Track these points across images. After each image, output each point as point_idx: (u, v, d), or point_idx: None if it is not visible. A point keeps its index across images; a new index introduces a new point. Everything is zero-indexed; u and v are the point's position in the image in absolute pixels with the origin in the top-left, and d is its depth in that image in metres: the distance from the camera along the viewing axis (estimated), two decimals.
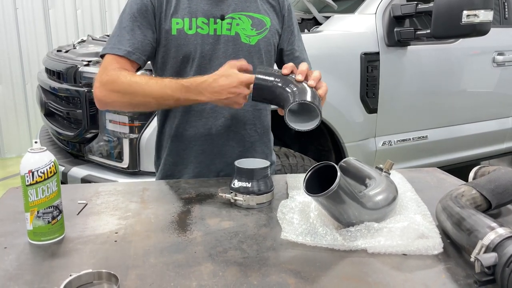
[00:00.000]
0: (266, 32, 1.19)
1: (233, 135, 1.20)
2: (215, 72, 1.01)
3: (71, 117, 2.04)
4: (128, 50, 1.10)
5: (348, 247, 0.80)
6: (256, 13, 1.18)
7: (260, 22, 1.19)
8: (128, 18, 1.12)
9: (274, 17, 1.23)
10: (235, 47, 1.16)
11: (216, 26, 1.14)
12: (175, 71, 1.16)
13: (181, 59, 1.14)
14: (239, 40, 1.16)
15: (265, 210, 0.99)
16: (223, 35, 1.15)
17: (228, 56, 1.15)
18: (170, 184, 1.15)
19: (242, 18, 1.16)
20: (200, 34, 1.13)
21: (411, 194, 1.01)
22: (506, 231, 0.69)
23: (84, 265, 0.74)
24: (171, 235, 0.86)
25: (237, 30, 1.16)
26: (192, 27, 1.12)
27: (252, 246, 0.82)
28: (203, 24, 1.13)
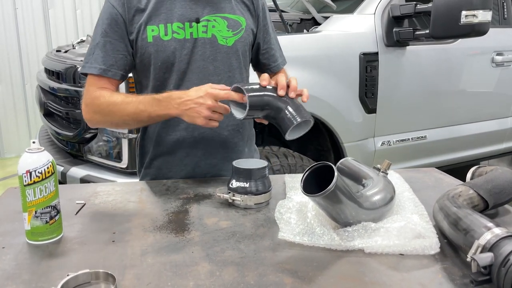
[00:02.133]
0: (242, 32, 1.19)
1: (217, 136, 1.20)
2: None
3: (70, 117, 2.04)
4: (103, 68, 1.11)
5: (345, 247, 0.80)
6: (231, 14, 1.18)
7: (235, 23, 1.19)
8: (99, 33, 1.12)
9: (248, 16, 1.23)
10: (213, 49, 1.16)
11: (192, 29, 1.14)
12: (156, 78, 1.16)
13: (160, 66, 1.14)
14: (216, 42, 1.16)
15: (263, 210, 0.99)
16: (200, 38, 1.15)
17: (206, 59, 1.16)
18: (168, 184, 1.15)
19: (217, 19, 1.16)
20: (177, 39, 1.13)
21: (408, 194, 1.01)
22: (502, 231, 0.70)
23: (82, 265, 0.75)
24: (169, 235, 0.86)
25: (213, 32, 1.16)
26: (167, 33, 1.12)
27: (250, 246, 0.82)
28: (179, 28, 1.13)
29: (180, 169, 1.22)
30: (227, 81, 1.18)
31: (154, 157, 1.24)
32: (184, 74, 1.15)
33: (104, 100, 1.10)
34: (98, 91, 1.11)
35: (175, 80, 1.15)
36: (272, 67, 1.31)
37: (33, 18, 4.30)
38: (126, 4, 1.11)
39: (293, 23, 2.45)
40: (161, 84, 1.17)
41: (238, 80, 1.21)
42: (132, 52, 1.15)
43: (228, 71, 1.19)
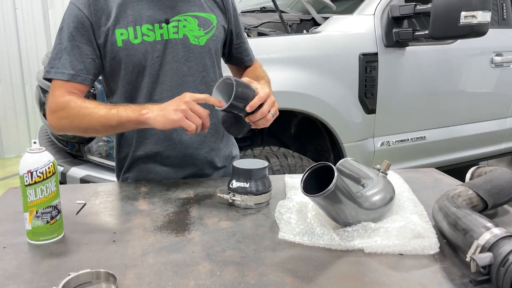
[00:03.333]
0: (213, 30, 1.18)
1: (195, 137, 1.19)
2: None
3: None
4: (72, 73, 1.08)
5: (345, 247, 0.81)
6: (201, 12, 1.17)
7: (206, 21, 1.17)
8: (66, 37, 1.08)
9: (219, 13, 1.22)
10: (185, 50, 1.14)
11: (162, 30, 1.12)
12: (128, 82, 1.14)
13: (131, 70, 1.12)
14: (188, 42, 1.15)
15: (263, 210, 0.99)
16: (171, 39, 1.13)
17: (179, 60, 1.14)
18: (169, 184, 1.15)
19: (188, 19, 1.14)
20: (147, 42, 1.10)
21: (408, 194, 1.01)
22: (501, 231, 0.70)
23: (83, 264, 0.75)
24: (169, 235, 0.87)
25: (185, 32, 1.14)
26: (137, 36, 1.10)
27: (250, 246, 0.82)
28: (148, 30, 1.10)
29: (161, 169, 1.21)
30: (201, 81, 1.18)
31: (133, 161, 1.22)
32: (157, 77, 1.13)
33: (75, 104, 1.06)
34: (67, 95, 1.08)
35: (148, 83, 1.13)
36: (245, 61, 1.34)
37: (33, 18, 4.30)
38: (92, 6, 1.08)
39: (293, 23, 2.45)
40: (133, 88, 1.14)
41: (212, 79, 1.20)
42: (100, 56, 1.11)
43: (202, 70, 1.18)
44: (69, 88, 1.09)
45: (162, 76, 1.14)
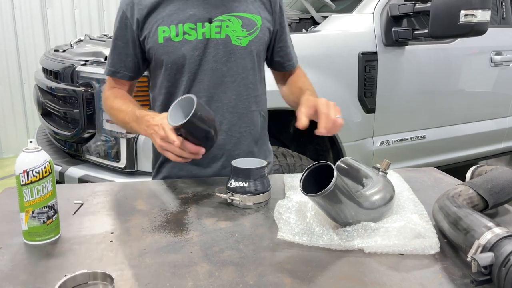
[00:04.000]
0: (257, 32, 1.17)
1: (229, 139, 1.20)
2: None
3: (68, 117, 2.03)
4: (112, 70, 1.19)
5: (344, 247, 0.80)
6: (246, 13, 1.15)
7: (250, 22, 1.16)
8: (113, 36, 1.19)
9: (265, 14, 1.19)
10: (226, 50, 1.14)
11: (205, 30, 1.12)
12: (167, 78, 1.16)
13: (170, 67, 1.14)
14: (230, 42, 1.14)
15: (262, 210, 0.98)
16: (213, 38, 1.13)
17: (219, 60, 1.14)
18: (167, 184, 1.14)
19: (231, 19, 1.13)
20: (188, 40, 1.11)
21: (408, 193, 1.01)
22: (502, 230, 0.69)
23: (80, 265, 0.74)
24: (167, 235, 0.86)
25: (227, 32, 1.13)
26: (178, 34, 1.11)
27: (249, 246, 0.82)
28: (190, 29, 1.11)
29: (192, 168, 1.21)
30: (240, 83, 1.18)
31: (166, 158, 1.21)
32: (195, 75, 1.14)
33: (108, 102, 1.19)
34: (109, 90, 1.21)
35: (186, 81, 1.15)
36: (286, 66, 1.30)
37: (31, 17, 4.29)
38: (137, 6, 1.12)
39: (292, 22, 2.44)
40: (172, 85, 1.17)
41: (251, 81, 1.20)
42: (142, 53, 1.17)
43: (242, 72, 1.17)
44: (113, 82, 1.21)
45: (200, 75, 1.14)
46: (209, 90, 1.15)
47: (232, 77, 1.16)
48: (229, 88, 1.16)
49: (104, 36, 2.60)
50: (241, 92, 1.18)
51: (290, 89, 1.26)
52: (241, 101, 1.18)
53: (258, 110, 1.25)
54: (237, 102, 1.18)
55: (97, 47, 2.16)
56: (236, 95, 1.18)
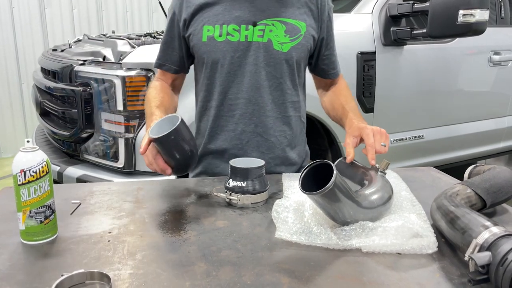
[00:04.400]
0: (300, 38, 1.17)
1: (263, 141, 1.21)
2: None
3: (66, 116, 2.03)
4: (159, 62, 1.25)
5: (342, 246, 0.80)
6: (291, 19, 1.16)
7: (294, 28, 1.16)
8: (164, 31, 1.24)
9: (311, 22, 1.19)
10: (266, 54, 1.15)
11: (248, 32, 1.14)
12: (206, 76, 1.19)
13: (211, 66, 1.17)
14: (271, 47, 1.15)
15: (260, 210, 0.98)
16: (255, 41, 1.14)
17: (259, 63, 1.16)
18: (165, 184, 1.14)
19: (275, 24, 1.15)
20: (230, 41, 1.14)
21: (406, 193, 1.01)
22: (500, 229, 0.69)
23: (77, 265, 0.74)
24: (165, 235, 0.86)
25: (270, 37, 1.15)
26: (222, 34, 1.14)
27: (246, 246, 0.81)
28: (234, 31, 1.13)
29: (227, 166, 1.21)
30: (277, 88, 1.19)
31: (203, 154, 1.26)
32: (234, 77, 1.17)
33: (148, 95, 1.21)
34: (154, 81, 1.26)
35: (224, 81, 1.17)
36: (330, 74, 1.31)
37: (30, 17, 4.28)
38: (186, 4, 1.17)
39: None
40: (210, 83, 1.19)
41: (289, 87, 1.21)
42: (186, 50, 1.21)
43: (280, 77, 1.18)
44: (160, 74, 1.27)
45: (240, 77, 1.16)
46: (246, 92, 1.17)
47: (270, 81, 1.18)
48: (266, 92, 1.18)
49: (102, 36, 2.59)
50: (278, 97, 1.20)
51: (332, 104, 1.27)
52: (278, 105, 1.20)
53: (296, 116, 1.26)
54: (273, 107, 1.20)
55: (96, 47, 2.16)
56: (273, 100, 1.19)
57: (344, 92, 1.29)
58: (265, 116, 1.19)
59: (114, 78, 1.78)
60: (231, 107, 1.19)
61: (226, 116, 1.20)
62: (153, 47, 1.91)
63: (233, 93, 1.17)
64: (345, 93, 1.28)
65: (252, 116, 1.19)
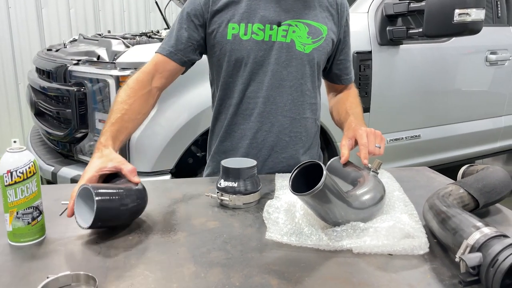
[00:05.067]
0: (321, 41, 1.18)
1: (278, 141, 1.21)
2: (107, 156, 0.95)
3: (60, 116, 2.02)
4: (171, 50, 1.15)
5: (333, 247, 0.79)
6: (313, 21, 1.17)
7: (316, 31, 1.17)
8: (179, 18, 1.17)
9: (331, 26, 1.21)
10: (289, 55, 1.16)
11: (272, 32, 1.14)
12: (228, 74, 1.18)
13: (234, 63, 1.16)
14: (294, 47, 1.16)
15: (252, 210, 0.97)
16: (278, 41, 1.15)
17: (281, 63, 1.16)
18: (156, 184, 1.13)
19: (299, 25, 1.15)
20: (255, 40, 1.14)
21: (398, 193, 1.00)
22: (491, 230, 0.68)
23: (64, 267, 0.73)
24: (154, 236, 0.85)
25: (292, 37, 1.15)
26: (247, 33, 1.13)
27: (236, 247, 0.81)
28: (259, 30, 1.13)
29: None
30: (297, 88, 1.19)
31: (217, 152, 1.25)
32: (255, 76, 1.16)
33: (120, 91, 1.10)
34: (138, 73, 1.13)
35: (245, 79, 1.16)
36: (343, 79, 1.32)
37: (27, 17, 4.27)
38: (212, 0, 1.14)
39: None
40: (232, 81, 1.18)
41: (309, 89, 1.21)
42: (204, 45, 1.17)
43: (301, 78, 1.19)
44: (162, 64, 1.15)
45: (261, 75, 1.16)
46: (266, 91, 1.17)
47: (291, 81, 1.18)
48: (286, 92, 1.18)
49: (98, 36, 2.58)
50: (297, 98, 1.20)
51: (337, 108, 1.28)
52: (296, 106, 1.20)
53: (312, 118, 1.26)
54: (292, 107, 1.20)
55: (90, 47, 2.14)
56: (292, 100, 1.20)
57: (352, 98, 1.30)
58: (282, 116, 1.19)
59: (108, 78, 1.77)
60: (250, 105, 1.19)
61: (244, 114, 1.20)
62: (147, 46, 1.90)
63: (252, 92, 1.17)
64: (352, 100, 1.29)
65: (269, 115, 1.19)
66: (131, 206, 0.85)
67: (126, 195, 0.84)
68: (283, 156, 1.22)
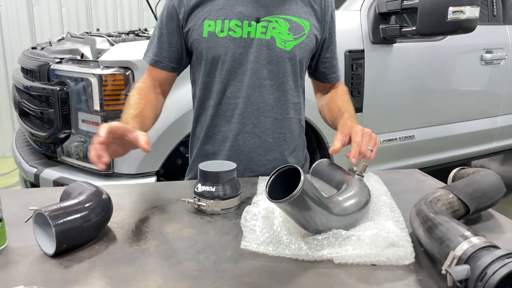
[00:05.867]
0: (303, 37, 1.13)
1: (261, 143, 1.16)
2: None
3: (44, 117, 1.96)
4: (155, 59, 1.15)
5: (313, 257, 0.74)
6: (295, 17, 1.11)
7: (298, 27, 1.12)
8: (158, 24, 1.15)
9: (314, 21, 1.15)
10: (269, 52, 1.11)
11: (250, 29, 1.09)
12: (206, 73, 1.14)
13: (211, 62, 1.11)
14: (274, 44, 1.10)
15: (231, 216, 0.92)
16: (257, 38, 1.10)
17: (261, 61, 1.11)
18: (132, 188, 1.08)
19: (279, 21, 1.10)
20: (232, 37, 1.09)
21: (385, 198, 0.95)
22: (480, 240, 0.63)
23: (19, 280, 0.67)
24: (123, 245, 0.79)
25: (272, 34, 1.10)
26: (224, 30, 1.08)
27: (210, 257, 0.75)
28: (236, 26, 1.09)
29: None
30: (280, 87, 1.14)
31: (198, 156, 1.21)
32: (234, 75, 1.12)
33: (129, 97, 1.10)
34: (139, 83, 1.15)
35: (224, 79, 1.12)
36: (330, 78, 1.26)
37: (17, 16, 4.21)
38: None
39: None
40: (210, 81, 1.14)
41: (291, 87, 1.16)
42: (185, 46, 1.14)
43: (282, 76, 1.13)
44: (153, 72, 1.16)
45: (240, 75, 1.11)
46: (246, 91, 1.12)
47: (272, 80, 1.13)
48: (268, 91, 1.13)
49: (86, 34, 2.52)
50: (279, 97, 1.15)
51: (329, 107, 1.22)
52: (278, 106, 1.16)
53: (296, 118, 1.21)
54: (274, 107, 1.15)
55: (75, 45, 2.09)
56: (274, 100, 1.14)
57: (342, 96, 1.24)
58: (264, 117, 1.15)
59: (91, 76, 1.71)
60: (230, 106, 1.14)
61: (224, 115, 1.15)
62: (132, 44, 1.85)
63: (232, 92, 1.13)
64: (343, 97, 1.24)
65: (250, 116, 1.14)
66: (95, 220, 0.79)
67: (88, 210, 0.78)
68: (266, 159, 1.18)
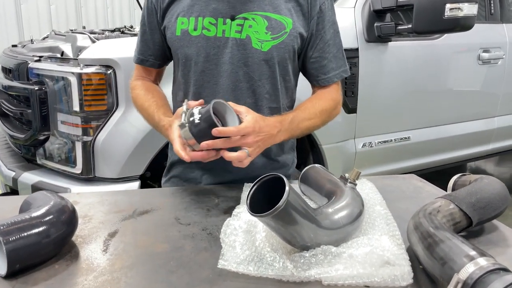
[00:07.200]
0: (284, 36, 1.02)
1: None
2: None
3: (23, 118, 1.87)
4: (141, 58, 1.14)
5: (299, 278, 0.66)
6: (275, 14, 1.01)
7: (278, 25, 1.01)
8: (141, 21, 1.13)
9: (299, 18, 1.04)
10: (244, 53, 1.01)
11: (225, 27, 1.00)
12: (181, 74, 1.07)
13: (185, 63, 1.04)
14: (250, 45, 1.01)
15: (211, 229, 0.84)
16: (232, 38, 1.01)
17: (236, 63, 1.02)
18: (104, 197, 0.99)
19: (256, 19, 1.00)
20: (206, 36, 1.01)
21: (380, 208, 0.87)
22: (488, 262, 0.56)
23: None
24: (84, 264, 0.71)
25: (248, 33, 1.00)
26: (197, 28, 1.01)
27: (183, 278, 0.67)
28: (210, 24, 1.01)
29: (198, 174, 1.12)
30: (255, 91, 1.04)
31: (177, 161, 1.13)
32: (210, 77, 1.04)
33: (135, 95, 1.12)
34: (136, 80, 1.15)
35: (198, 81, 1.04)
36: (320, 79, 1.11)
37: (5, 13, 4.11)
38: None
39: None
40: (185, 83, 1.06)
41: (268, 92, 1.06)
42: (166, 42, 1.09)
43: (258, 79, 1.04)
44: (141, 71, 1.16)
45: (215, 77, 1.04)
46: (222, 94, 1.03)
47: (247, 83, 1.04)
48: (243, 95, 1.04)
49: (69, 31, 2.43)
50: (256, 102, 1.06)
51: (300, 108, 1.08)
52: (256, 111, 1.02)
53: None
54: None
55: (56, 42, 1.99)
56: (251, 104, 1.03)
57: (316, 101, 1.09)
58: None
59: (70, 75, 1.62)
60: None
61: None
62: (114, 41, 1.76)
63: (208, 95, 1.04)
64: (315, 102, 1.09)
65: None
66: (56, 236, 0.70)
67: (47, 225, 0.69)
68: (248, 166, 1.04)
